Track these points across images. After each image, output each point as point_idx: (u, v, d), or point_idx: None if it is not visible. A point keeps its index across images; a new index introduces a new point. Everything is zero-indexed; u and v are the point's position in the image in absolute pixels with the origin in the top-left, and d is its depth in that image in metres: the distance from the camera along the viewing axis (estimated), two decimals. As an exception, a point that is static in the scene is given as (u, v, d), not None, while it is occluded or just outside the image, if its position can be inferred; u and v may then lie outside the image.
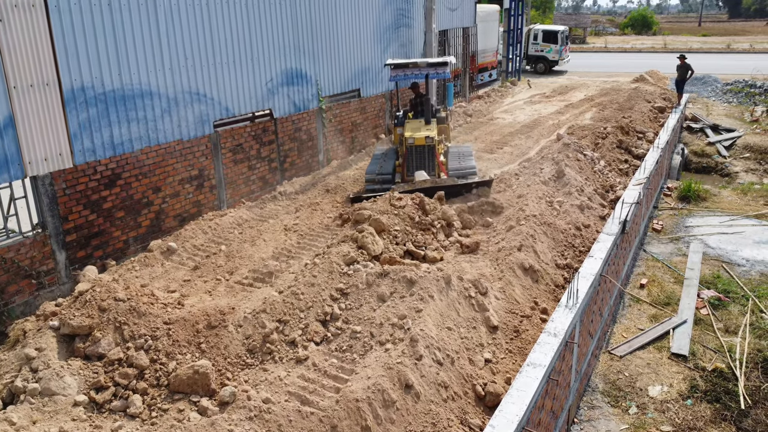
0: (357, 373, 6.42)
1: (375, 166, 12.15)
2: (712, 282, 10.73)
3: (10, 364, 6.55)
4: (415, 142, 11.30)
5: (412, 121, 12.13)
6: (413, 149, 11.35)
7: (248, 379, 6.39)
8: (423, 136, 11.29)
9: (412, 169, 11.43)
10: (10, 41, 7.81)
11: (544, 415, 5.85)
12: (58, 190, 8.67)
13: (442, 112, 13.16)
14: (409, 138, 11.32)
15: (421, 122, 12.04)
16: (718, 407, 7.63)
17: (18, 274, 8.29)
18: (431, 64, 12.18)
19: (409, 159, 11.41)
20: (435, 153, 11.42)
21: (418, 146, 11.32)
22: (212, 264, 8.73)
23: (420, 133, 11.41)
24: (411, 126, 11.91)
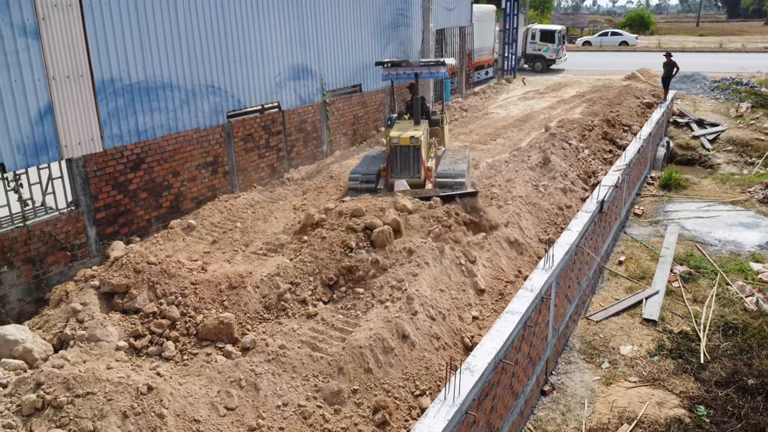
0: (360, 326, 7.38)
1: (362, 167, 11.87)
2: (685, 259, 11.68)
3: (58, 317, 7.52)
4: (399, 142, 10.92)
5: (402, 122, 12.02)
6: (398, 149, 10.97)
7: (265, 331, 7.35)
8: (408, 136, 10.91)
9: (397, 170, 11.05)
10: (51, 37, 8.77)
11: (521, 357, 6.80)
12: (90, 172, 9.62)
13: (437, 114, 12.92)
14: (394, 137, 10.98)
15: (411, 123, 11.85)
16: (680, 362, 8.58)
17: (55, 247, 9.23)
18: (424, 63, 12.07)
19: (393, 159, 11.06)
20: (420, 155, 10.96)
21: (403, 146, 10.92)
22: (229, 238, 9.68)
23: (405, 133, 11.05)
24: (399, 126, 11.70)
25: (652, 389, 7.97)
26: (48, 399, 5.75)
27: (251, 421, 6.33)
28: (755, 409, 7.44)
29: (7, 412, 5.75)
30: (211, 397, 6.35)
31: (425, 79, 12.81)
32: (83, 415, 5.65)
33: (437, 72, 11.99)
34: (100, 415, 5.67)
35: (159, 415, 5.82)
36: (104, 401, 5.77)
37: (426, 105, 12.77)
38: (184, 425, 5.90)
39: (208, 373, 6.64)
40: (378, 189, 11.02)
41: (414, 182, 10.84)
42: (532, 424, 7.47)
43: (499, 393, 6.19)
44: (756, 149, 19.06)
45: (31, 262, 8.86)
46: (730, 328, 9.34)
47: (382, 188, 11.04)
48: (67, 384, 5.85)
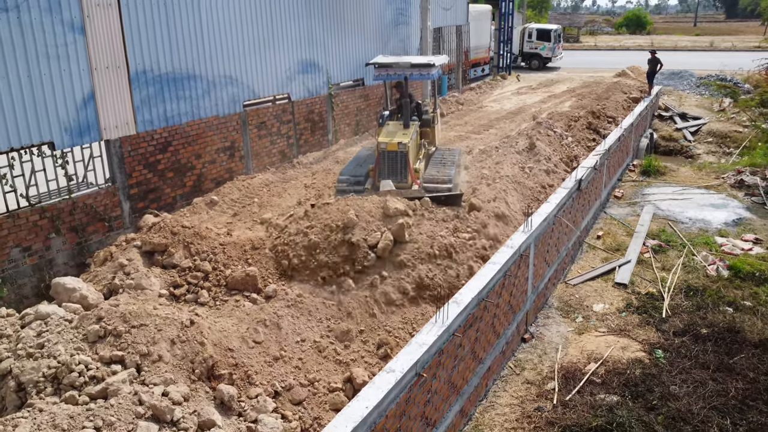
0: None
1: (351, 167, 11.97)
2: (658, 235, 12.92)
3: (105, 272, 8.77)
4: (387, 148, 10.87)
5: (391, 124, 11.86)
6: (385, 154, 10.94)
7: (284, 284, 8.59)
8: (396, 142, 10.87)
9: (384, 174, 11.02)
10: (94, 32, 10.00)
11: (502, 303, 8.03)
12: (125, 152, 10.86)
13: (429, 113, 12.80)
14: (382, 143, 10.96)
15: (400, 125, 11.66)
16: (645, 317, 9.82)
17: (95, 218, 10.46)
18: (415, 64, 11.73)
19: (381, 163, 11.01)
20: (407, 160, 10.90)
21: (390, 152, 10.89)
22: (248, 211, 10.92)
23: (393, 139, 11.00)
24: (387, 130, 11.57)
25: (618, 338, 9.20)
26: (109, 329, 6.99)
27: (275, 352, 7.58)
28: (705, 351, 8.67)
29: (76, 339, 6.99)
30: (242, 332, 7.60)
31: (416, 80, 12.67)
32: (139, 341, 6.88)
33: (428, 74, 11.69)
34: (152, 341, 6.90)
35: (200, 342, 7.05)
36: (155, 331, 7.00)
37: (418, 103, 12.79)
38: (220, 352, 7.13)
39: (237, 315, 7.89)
40: (365, 189, 11.08)
41: (400, 185, 10.90)
42: (513, 364, 8.70)
43: (482, 328, 7.42)
44: (734, 140, 20.30)
45: (75, 230, 10.09)
46: (691, 290, 10.57)
47: (369, 188, 11.09)
48: (123, 317, 7.08)
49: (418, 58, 12.51)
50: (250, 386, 7.03)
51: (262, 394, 7.01)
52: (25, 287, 9.48)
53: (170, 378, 6.62)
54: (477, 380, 7.54)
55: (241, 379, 7.03)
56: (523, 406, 7.67)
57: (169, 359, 6.81)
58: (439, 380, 6.34)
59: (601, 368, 8.35)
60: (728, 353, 8.56)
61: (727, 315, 9.58)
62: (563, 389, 7.90)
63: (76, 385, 6.42)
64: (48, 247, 9.68)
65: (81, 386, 6.43)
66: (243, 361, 7.21)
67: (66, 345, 6.82)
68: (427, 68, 11.59)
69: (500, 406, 7.75)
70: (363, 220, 8.94)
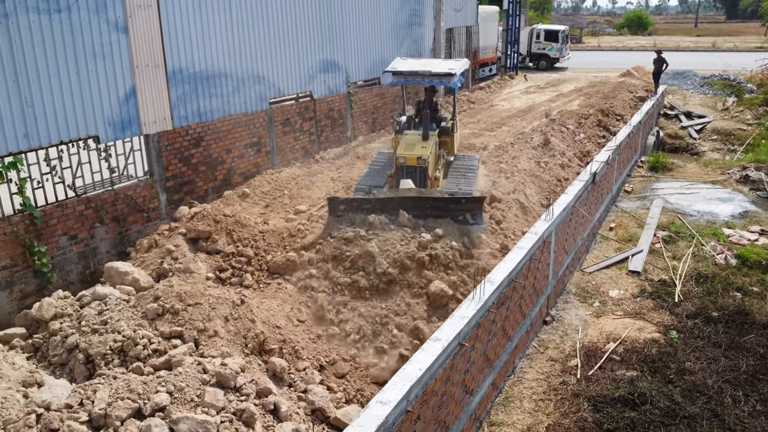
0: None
1: (368, 177, 11.59)
2: (667, 226, 13.48)
3: (153, 258, 9.32)
4: (406, 162, 10.63)
5: (409, 134, 11.40)
6: (404, 169, 10.69)
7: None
8: (415, 156, 10.60)
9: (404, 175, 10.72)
10: (135, 32, 10.56)
11: (528, 285, 8.58)
12: (162, 147, 11.41)
13: (448, 121, 12.34)
14: (401, 158, 10.67)
15: (419, 136, 11.16)
16: (658, 302, 10.36)
17: (134, 208, 11.01)
18: (435, 74, 11.30)
19: (399, 177, 10.75)
20: (426, 174, 10.68)
21: (410, 166, 10.65)
22: (280, 203, 11.48)
23: (413, 152, 10.69)
24: (406, 142, 11.10)
25: (634, 320, 9.74)
26: (167, 307, 7.54)
27: (317, 330, 8.12)
28: (716, 332, 9.22)
29: (136, 316, 7.54)
30: (286, 312, 8.16)
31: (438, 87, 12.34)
32: (195, 318, 7.44)
33: (449, 81, 11.32)
34: (207, 318, 7.46)
35: (251, 320, 7.61)
36: (209, 309, 7.56)
37: (437, 109, 12.41)
38: (269, 329, 7.69)
39: (281, 296, 8.45)
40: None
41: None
42: (537, 343, 9.25)
43: (511, 307, 7.97)
44: (738, 138, 20.86)
45: (117, 220, 10.64)
46: (701, 277, 11.12)
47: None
48: (179, 297, 7.63)
49: (439, 64, 12.05)
50: (297, 360, 7.58)
51: (309, 367, 7.56)
52: (72, 274, 10.03)
53: (226, 351, 7.17)
54: (506, 356, 8.08)
55: (290, 354, 7.58)
56: (549, 381, 8.21)
57: (224, 334, 7.36)
58: (476, 352, 6.89)
59: (620, 347, 8.89)
60: (738, 333, 9.10)
61: (737, 299, 10.14)
62: (585, 365, 8.45)
63: (141, 357, 6.97)
64: (93, 235, 10.23)
65: (145, 358, 6.98)
66: (290, 337, 7.76)
67: (128, 321, 7.37)
68: (448, 77, 11.21)
69: (527, 380, 8.29)
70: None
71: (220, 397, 6.24)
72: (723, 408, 7.30)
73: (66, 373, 7.24)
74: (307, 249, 9.20)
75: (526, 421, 7.42)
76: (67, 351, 7.32)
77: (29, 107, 9.03)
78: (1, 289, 8.93)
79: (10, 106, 8.73)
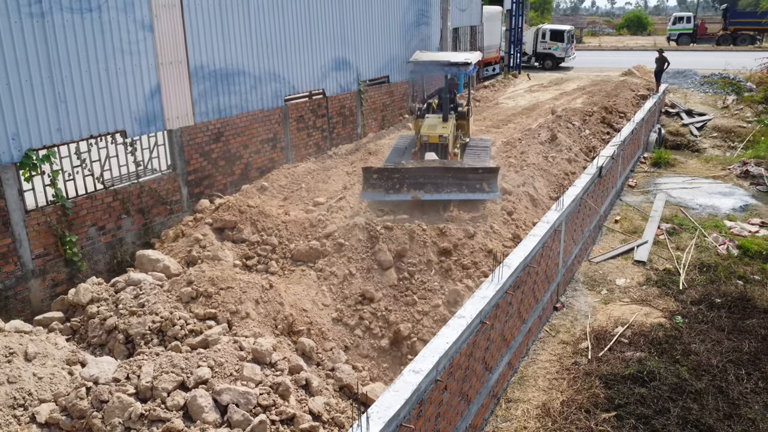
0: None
1: (394, 156, 13.19)
2: (671, 219, 13.92)
3: (181, 247, 9.73)
4: (429, 140, 12.01)
5: (431, 117, 12.91)
6: (427, 146, 12.09)
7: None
8: (437, 134, 12.03)
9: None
10: (161, 30, 10.98)
11: (540, 271, 9.01)
12: (184, 141, 11.82)
13: (464, 107, 13.97)
14: (424, 135, 12.14)
15: (440, 118, 12.73)
16: (664, 289, 10.79)
17: (158, 201, 11.42)
18: (453, 63, 12.90)
19: (423, 152, 12.09)
20: (447, 150, 12.09)
21: (432, 143, 12.01)
22: (298, 195, 11.89)
23: (435, 131, 12.13)
24: (428, 123, 12.63)
25: (641, 306, 10.17)
26: (200, 290, 7.96)
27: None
28: (719, 317, 9.65)
29: (171, 299, 7.95)
30: (312, 296, 8.58)
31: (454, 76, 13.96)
32: (227, 300, 7.85)
33: (465, 70, 12.95)
34: (239, 301, 7.87)
35: (280, 303, 8.03)
36: (240, 293, 7.97)
37: (454, 96, 13.99)
38: (296, 312, 8.11)
39: (305, 282, 8.86)
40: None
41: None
42: (548, 328, 9.68)
43: (526, 291, 8.40)
44: (738, 135, 21.31)
45: (142, 212, 11.04)
46: (704, 266, 11.55)
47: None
48: (212, 281, 8.05)
49: (456, 56, 13.71)
50: (324, 341, 8.00)
51: (335, 347, 7.98)
52: (99, 263, 10.44)
53: (258, 332, 7.58)
54: (521, 338, 8.51)
55: (316, 335, 8.00)
56: (561, 362, 8.64)
57: (255, 316, 7.78)
58: (495, 331, 7.31)
59: (628, 331, 9.32)
60: (741, 318, 9.53)
61: (738, 287, 10.57)
62: (595, 348, 8.87)
63: (178, 337, 7.39)
64: (119, 227, 10.64)
65: (183, 338, 7.40)
66: (316, 320, 8.18)
67: (164, 304, 7.79)
68: (465, 66, 12.73)
69: (541, 361, 8.72)
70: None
71: (258, 371, 6.66)
72: (727, 384, 7.72)
73: (105, 352, 7.65)
74: (329, 237, 9.62)
75: (541, 397, 7.84)
76: (107, 332, 7.73)
77: (62, 103, 9.44)
78: (35, 276, 9.32)
79: (44, 102, 9.14)
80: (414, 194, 10.74)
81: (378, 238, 9.39)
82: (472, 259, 9.20)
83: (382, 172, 10.90)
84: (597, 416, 7.26)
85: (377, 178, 10.86)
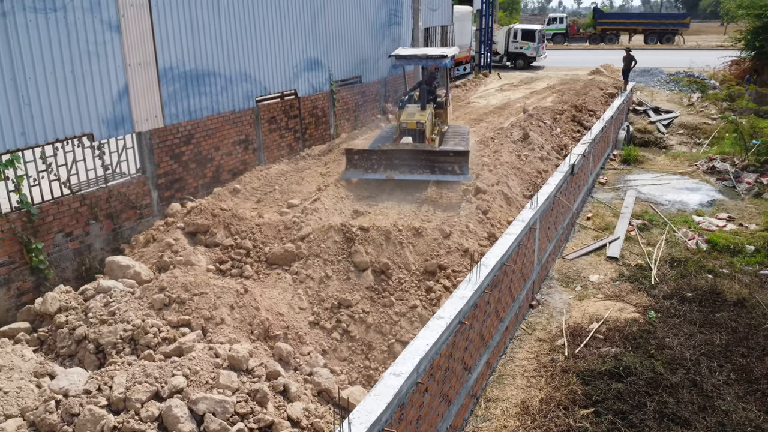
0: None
1: (378, 142, 14.17)
2: (641, 215, 14.14)
3: (152, 252, 9.52)
4: (407, 126, 13.17)
5: (410, 107, 14.09)
6: (406, 131, 13.22)
7: (318, 258, 9.45)
8: (415, 121, 13.15)
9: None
10: (128, 31, 10.71)
11: (516, 270, 9.05)
12: (154, 144, 11.57)
13: (442, 97, 15.05)
14: (403, 122, 13.35)
15: (418, 108, 13.88)
16: (636, 285, 10.95)
17: (127, 205, 11.15)
18: (430, 56, 14.06)
19: (400, 139, 13.18)
20: (425, 136, 13.17)
21: (410, 129, 13.14)
22: (272, 198, 11.74)
23: (413, 118, 13.28)
24: (407, 111, 13.79)
25: (615, 302, 10.30)
26: (173, 297, 7.79)
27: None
28: (691, 311, 9.83)
29: (142, 307, 7.77)
30: (288, 300, 8.47)
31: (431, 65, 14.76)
32: (201, 306, 7.70)
33: (441, 62, 13.99)
34: (213, 307, 7.73)
35: (255, 308, 7.91)
36: (215, 298, 7.83)
37: (434, 89, 15.09)
38: (272, 316, 7.99)
39: (281, 285, 8.75)
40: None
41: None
42: (525, 326, 9.73)
43: (503, 289, 8.42)
44: (704, 132, 21.80)
45: (111, 217, 10.77)
46: (675, 261, 11.76)
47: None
48: (185, 287, 7.89)
49: (433, 50, 15.08)
50: (301, 345, 7.90)
51: (312, 351, 7.89)
52: (67, 270, 10.15)
53: (233, 338, 7.46)
54: (498, 336, 8.53)
55: (293, 339, 7.89)
56: (539, 359, 8.69)
57: (230, 322, 7.64)
58: (474, 331, 7.31)
59: (603, 327, 9.42)
60: (711, 311, 9.72)
61: (708, 281, 10.78)
62: (572, 344, 8.94)
63: (151, 345, 7.22)
64: (87, 232, 10.35)
65: (156, 346, 7.23)
66: (292, 323, 8.08)
67: (135, 312, 7.60)
68: (441, 59, 13.87)
69: (518, 359, 8.75)
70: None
71: (234, 379, 6.53)
72: (701, 377, 7.85)
73: (75, 363, 7.43)
74: (304, 240, 9.51)
75: (519, 396, 7.87)
76: (76, 342, 7.51)
77: (26, 106, 9.14)
78: (0, 286, 9.02)
79: (7, 105, 8.84)
80: (389, 174, 11.88)
81: (354, 240, 9.33)
82: (448, 259, 9.20)
83: (362, 153, 12.25)
84: (575, 413, 7.31)
85: (358, 158, 12.16)
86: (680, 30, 52.88)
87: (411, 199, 11.42)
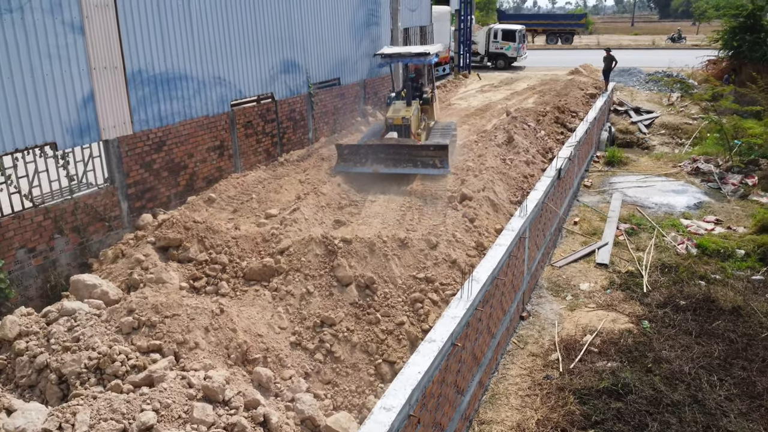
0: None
1: (366, 137, 14.63)
2: (628, 219, 13.88)
3: (121, 269, 8.91)
4: (393, 122, 13.64)
5: (397, 103, 14.51)
6: (392, 127, 13.70)
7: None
8: (400, 116, 13.62)
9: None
10: (92, 33, 10.08)
11: (507, 282, 8.65)
12: (122, 152, 10.94)
13: (428, 93, 15.59)
14: (389, 118, 13.79)
15: (404, 104, 14.30)
16: (628, 293, 10.64)
17: (95, 218, 10.52)
18: (414, 53, 14.47)
19: (386, 134, 13.63)
20: (410, 131, 13.64)
21: (396, 124, 13.62)
22: (249, 207, 11.19)
23: (399, 114, 13.75)
24: (394, 107, 14.26)
25: (607, 312, 9.97)
26: (143, 320, 7.22)
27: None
28: (686, 320, 9.54)
29: (110, 331, 7.18)
30: (267, 319, 7.95)
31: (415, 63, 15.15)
32: (174, 330, 7.14)
33: (424, 59, 14.32)
34: (187, 330, 7.18)
35: (232, 329, 7.37)
36: (188, 320, 7.27)
37: (420, 86, 15.62)
38: (250, 338, 7.47)
39: (260, 303, 8.22)
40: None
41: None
42: (516, 339, 9.33)
43: (494, 304, 8.01)
44: (685, 132, 21.72)
45: (77, 230, 10.14)
46: (665, 267, 11.49)
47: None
48: (155, 309, 7.32)
49: (417, 48, 15.49)
50: (282, 368, 7.38)
51: (294, 375, 7.38)
52: (30, 289, 9.52)
53: (209, 363, 6.91)
54: (491, 353, 8.12)
55: (274, 362, 7.38)
56: (533, 376, 8.29)
57: (205, 346, 7.10)
58: (466, 351, 6.88)
59: (597, 339, 9.07)
60: (707, 320, 9.44)
61: (701, 287, 10.51)
62: (566, 359, 8.57)
63: (119, 374, 6.64)
64: (52, 247, 9.72)
65: (124, 375, 6.65)
66: (273, 345, 7.56)
67: (101, 337, 7.01)
68: (424, 56, 14.27)
69: (511, 377, 8.35)
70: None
71: (210, 412, 6.00)
72: (702, 393, 7.54)
73: (36, 395, 6.82)
74: (283, 253, 9.00)
75: (514, 417, 7.46)
76: (37, 371, 6.90)
77: (-19, 113, 8.50)
78: (-45, 308, 8.37)
79: (-40, 113, 8.19)
80: (375, 168, 12.58)
81: (336, 253, 8.84)
82: (436, 271, 8.75)
83: (351, 148, 13.04)
84: (574, 435, 6.93)
85: (348, 153, 12.91)
86: (577, 30, 56.93)
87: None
